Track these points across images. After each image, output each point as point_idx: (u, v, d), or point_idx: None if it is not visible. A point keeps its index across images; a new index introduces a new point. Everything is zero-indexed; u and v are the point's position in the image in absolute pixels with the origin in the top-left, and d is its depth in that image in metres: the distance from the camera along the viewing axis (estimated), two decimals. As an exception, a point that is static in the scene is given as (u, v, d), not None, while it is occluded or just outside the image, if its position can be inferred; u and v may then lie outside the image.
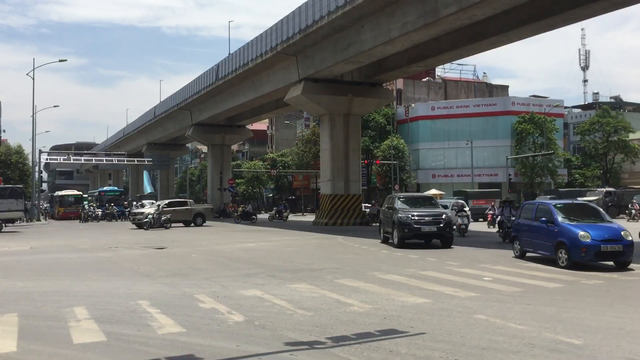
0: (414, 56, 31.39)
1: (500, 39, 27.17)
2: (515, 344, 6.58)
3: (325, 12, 28.70)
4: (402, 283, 11.26)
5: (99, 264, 15.13)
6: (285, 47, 33.42)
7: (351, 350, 6.35)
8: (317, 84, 34.96)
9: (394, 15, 26.19)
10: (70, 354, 6.42)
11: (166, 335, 7.13)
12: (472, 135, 56.26)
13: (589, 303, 9.10)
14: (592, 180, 59.11)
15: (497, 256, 16.46)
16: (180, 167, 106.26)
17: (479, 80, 73.73)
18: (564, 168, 59.58)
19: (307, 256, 17.03)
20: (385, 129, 58.18)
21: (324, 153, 37.28)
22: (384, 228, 21.39)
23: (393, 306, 8.87)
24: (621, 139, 58.26)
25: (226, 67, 43.16)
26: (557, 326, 7.44)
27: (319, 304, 9.10)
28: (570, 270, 12.89)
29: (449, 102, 62.64)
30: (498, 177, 55.57)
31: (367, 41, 28.39)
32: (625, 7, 23.60)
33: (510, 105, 58.86)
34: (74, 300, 9.69)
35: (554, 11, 23.36)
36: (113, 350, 6.54)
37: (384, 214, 21.48)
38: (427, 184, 58.46)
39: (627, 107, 76.52)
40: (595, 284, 11.11)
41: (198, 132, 57.04)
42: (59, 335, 7.29)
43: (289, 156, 72.71)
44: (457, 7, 22.71)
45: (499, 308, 8.64)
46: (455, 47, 28.83)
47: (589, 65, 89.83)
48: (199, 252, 18.42)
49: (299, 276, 12.43)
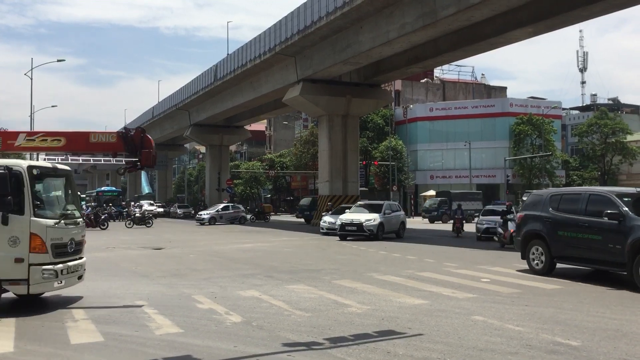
0: (412, 57, 31.43)
1: (499, 40, 27.22)
2: (513, 346, 6.58)
3: (324, 13, 28.72)
4: (400, 284, 11.26)
5: (97, 263, 15.10)
6: (284, 48, 33.43)
7: (349, 352, 6.35)
8: (316, 85, 34.97)
9: (392, 16, 26.20)
10: (67, 354, 6.40)
11: (164, 336, 7.12)
12: (470, 137, 56.32)
13: (587, 305, 9.11)
14: (589, 182, 59.18)
15: (495, 257, 16.46)
16: (178, 168, 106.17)
17: (477, 82, 73.83)
18: (561, 169, 59.66)
19: (305, 257, 17.03)
20: (383, 130, 58.19)
21: (322, 154, 37.29)
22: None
23: (391, 307, 8.87)
24: (619, 141, 58.33)
25: (225, 68, 43.16)
26: (555, 328, 7.45)
27: (317, 305, 9.10)
28: (569, 272, 12.83)
29: (447, 103, 62.69)
30: (496, 179, 55.60)
31: (366, 42, 28.40)
32: (623, 9, 23.67)
33: (509, 107, 58.94)
34: (71, 300, 9.68)
35: (552, 13, 23.40)
36: (111, 350, 6.53)
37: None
38: (425, 185, 58.51)
39: (624, 109, 76.61)
40: (592, 286, 11.12)
41: (196, 133, 57.01)
42: (56, 335, 7.28)
43: (287, 157, 72.66)
44: (455, 9, 22.73)
45: (497, 309, 8.65)
46: (453, 49, 28.88)
47: (587, 67, 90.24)
48: (197, 253, 18.40)
49: (297, 277, 12.43)
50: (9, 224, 8.34)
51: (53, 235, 8.65)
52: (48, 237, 8.55)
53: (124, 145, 9.62)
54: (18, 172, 8.48)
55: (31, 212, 8.46)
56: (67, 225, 9.04)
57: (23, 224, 8.42)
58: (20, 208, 8.41)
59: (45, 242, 8.50)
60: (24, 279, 8.37)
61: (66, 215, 9.20)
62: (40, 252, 8.46)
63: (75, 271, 9.22)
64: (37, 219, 8.52)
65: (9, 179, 8.38)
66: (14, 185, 8.40)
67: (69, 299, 9.78)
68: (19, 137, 9.61)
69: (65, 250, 8.95)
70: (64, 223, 8.95)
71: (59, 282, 8.76)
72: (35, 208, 8.53)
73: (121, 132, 9.72)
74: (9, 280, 8.39)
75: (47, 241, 8.52)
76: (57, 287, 8.83)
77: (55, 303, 9.44)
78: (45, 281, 8.54)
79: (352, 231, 23.73)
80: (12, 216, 8.34)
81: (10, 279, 8.38)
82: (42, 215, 8.66)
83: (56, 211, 9.21)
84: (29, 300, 9.42)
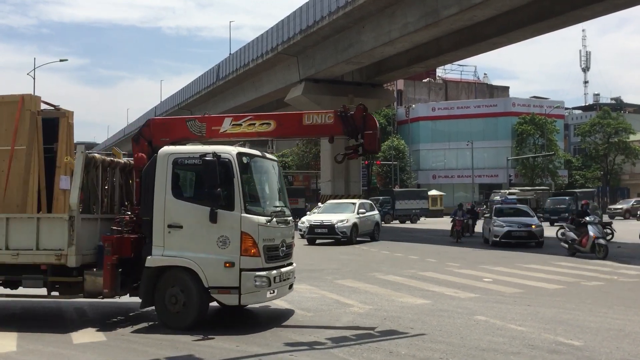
0: (415, 57, 31.42)
1: (501, 40, 27.22)
2: (515, 345, 6.57)
3: (326, 12, 28.72)
4: (402, 284, 11.25)
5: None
6: (286, 48, 33.43)
7: (351, 351, 6.34)
8: (318, 85, 34.97)
9: (394, 15, 26.20)
10: (69, 354, 6.40)
11: (165, 336, 7.12)
12: (472, 136, 56.25)
13: (589, 304, 9.09)
14: (592, 182, 59.12)
15: (497, 257, 16.44)
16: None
17: (480, 81, 73.79)
18: (564, 169, 59.59)
19: (306, 257, 17.01)
20: (385, 129, 58.17)
21: (324, 154, 37.28)
22: None
23: (393, 307, 8.86)
24: (622, 140, 58.25)
25: (227, 68, 43.17)
26: (557, 327, 7.43)
27: (319, 305, 9.09)
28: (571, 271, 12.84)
29: (450, 102, 62.66)
30: (498, 178, 55.55)
31: (368, 42, 28.40)
32: (625, 9, 23.66)
33: (511, 106, 58.89)
34: (73, 300, 9.66)
35: (554, 12, 23.39)
36: (113, 350, 6.53)
37: None
38: (427, 184, 58.45)
39: (627, 109, 76.50)
40: (595, 286, 11.11)
41: (198, 133, 56.94)
42: (59, 335, 7.28)
43: (290, 156, 72.63)
44: (457, 8, 22.72)
45: (499, 309, 8.63)
46: (456, 48, 28.87)
47: (589, 67, 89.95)
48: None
49: (299, 277, 12.34)
50: (218, 221, 7.21)
51: (265, 236, 7.46)
52: (260, 237, 7.36)
53: (343, 127, 8.06)
54: (227, 160, 7.37)
55: (242, 208, 7.27)
56: (278, 224, 7.85)
57: (233, 221, 7.23)
58: (230, 202, 7.25)
59: (258, 244, 7.32)
60: (234, 286, 7.18)
61: (277, 212, 8.05)
62: (253, 256, 7.28)
63: (287, 279, 7.99)
64: (249, 215, 7.32)
65: (218, 168, 7.27)
66: (223, 176, 7.27)
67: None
68: (225, 122, 8.24)
69: (276, 253, 7.75)
70: (275, 221, 7.76)
71: (271, 291, 7.51)
72: (245, 203, 7.35)
73: (339, 112, 8.12)
74: (218, 288, 7.21)
75: (259, 242, 7.34)
76: (270, 297, 7.61)
77: (57, 302, 9.15)
78: (257, 290, 7.28)
79: (322, 234, 21.21)
80: (221, 212, 7.21)
81: (220, 286, 7.20)
82: (253, 212, 7.44)
83: (266, 207, 7.98)
84: (235, 312, 8.46)
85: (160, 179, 7.51)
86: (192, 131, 8.21)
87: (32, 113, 8.15)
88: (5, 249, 7.63)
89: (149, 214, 7.52)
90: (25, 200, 7.97)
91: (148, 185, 7.63)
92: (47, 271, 7.59)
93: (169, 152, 7.64)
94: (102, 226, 7.96)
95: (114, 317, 8.30)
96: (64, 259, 7.45)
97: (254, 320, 8.19)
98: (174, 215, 7.38)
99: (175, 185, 7.53)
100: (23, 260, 7.60)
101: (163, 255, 7.35)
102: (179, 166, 7.58)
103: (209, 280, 7.17)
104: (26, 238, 7.58)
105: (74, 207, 7.49)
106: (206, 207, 7.20)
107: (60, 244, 7.49)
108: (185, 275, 7.26)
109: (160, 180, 7.51)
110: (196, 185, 7.76)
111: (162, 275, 7.36)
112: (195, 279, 7.20)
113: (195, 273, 7.20)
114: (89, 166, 7.91)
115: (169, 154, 7.61)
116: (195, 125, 8.21)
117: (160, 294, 7.34)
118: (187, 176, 7.92)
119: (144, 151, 8.12)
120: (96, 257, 7.71)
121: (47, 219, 7.77)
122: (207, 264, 7.19)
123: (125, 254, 7.52)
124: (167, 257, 7.34)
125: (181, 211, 7.40)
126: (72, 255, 7.43)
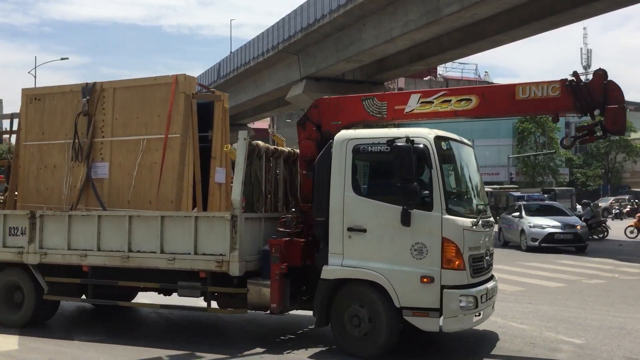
0: (416, 55, 31.35)
1: (502, 38, 27.14)
2: (517, 343, 6.57)
3: (327, 10, 28.72)
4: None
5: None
6: (287, 46, 33.42)
7: (352, 349, 6.29)
8: (319, 83, 34.93)
9: (395, 13, 26.17)
10: (71, 351, 6.40)
11: (167, 334, 7.12)
12: (473, 134, 55.76)
13: (590, 302, 9.08)
14: (593, 180, 59.09)
15: (498, 255, 16.39)
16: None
17: (481, 79, 73.69)
18: (565, 167, 59.53)
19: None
20: (386, 127, 58.11)
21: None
22: None
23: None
24: (623, 139, 58.04)
25: (228, 66, 43.21)
26: (559, 325, 7.43)
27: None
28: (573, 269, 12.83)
29: (451, 101, 62.58)
30: (499, 177, 55.51)
31: (369, 40, 28.38)
32: (627, 7, 23.58)
33: (512, 105, 58.83)
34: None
35: (555, 10, 23.34)
36: (114, 348, 6.53)
37: None
38: (428, 183, 58.46)
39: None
40: (596, 284, 11.10)
41: (199, 131, 56.97)
42: (60, 332, 7.28)
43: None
44: (459, 6, 22.68)
45: (501, 307, 8.60)
46: (457, 46, 28.80)
47: (591, 65, 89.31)
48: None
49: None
50: (412, 224, 5.79)
51: (471, 243, 5.95)
52: (465, 245, 5.84)
53: (574, 100, 6.22)
54: (423, 146, 5.91)
55: (443, 207, 5.80)
56: (483, 227, 6.31)
57: (432, 224, 5.79)
58: (428, 200, 5.84)
59: (463, 253, 5.80)
60: (434, 308, 5.73)
61: (482, 211, 6.51)
62: (457, 269, 5.77)
63: (492, 297, 6.48)
64: (452, 217, 5.85)
65: (413, 155, 5.78)
66: (418, 166, 5.88)
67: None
68: (411, 99, 6.65)
69: (481, 265, 6.22)
70: (481, 224, 6.20)
71: (477, 314, 5.99)
72: (447, 201, 5.87)
73: (569, 81, 6.25)
74: (412, 309, 5.78)
75: (464, 252, 5.81)
76: (476, 321, 6.05)
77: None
78: (462, 312, 5.79)
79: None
80: (416, 212, 5.78)
81: (416, 307, 5.79)
82: (455, 212, 5.95)
83: (470, 205, 6.51)
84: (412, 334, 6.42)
85: (337, 171, 6.17)
86: (370, 112, 6.78)
87: (187, 96, 7.04)
88: (160, 252, 6.59)
89: (323, 213, 6.19)
90: (180, 196, 6.87)
91: (322, 179, 6.29)
92: (206, 279, 6.51)
93: (347, 138, 6.27)
94: (266, 227, 6.73)
95: (281, 335, 7.26)
96: (225, 265, 6.30)
97: (450, 348, 6.77)
98: (356, 216, 6.04)
99: (356, 178, 6.19)
100: (180, 266, 6.53)
101: (342, 265, 6.03)
102: (360, 155, 6.20)
103: (401, 299, 5.77)
104: (183, 240, 6.51)
105: (237, 205, 6.31)
106: (397, 206, 5.81)
107: (221, 248, 6.35)
108: (370, 291, 5.91)
109: (338, 172, 6.17)
110: (383, 178, 6.30)
111: (341, 289, 6.07)
112: (383, 296, 5.84)
113: (383, 289, 5.83)
114: (251, 156, 6.69)
115: (348, 140, 6.24)
116: (374, 105, 6.76)
117: (339, 312, 6.06)
118: (371, 167, 6.43)
119: (312, 138, 6.83)
120: (260, 263, 6.49)
121: (206, 218, 6.63)
122: (398, 278, 5.80)
123: (295, 261, 6.29)
124: (347, 267, 6.01)
125: (364, 211, 6.03)
126: (235, 262, 6.26)
